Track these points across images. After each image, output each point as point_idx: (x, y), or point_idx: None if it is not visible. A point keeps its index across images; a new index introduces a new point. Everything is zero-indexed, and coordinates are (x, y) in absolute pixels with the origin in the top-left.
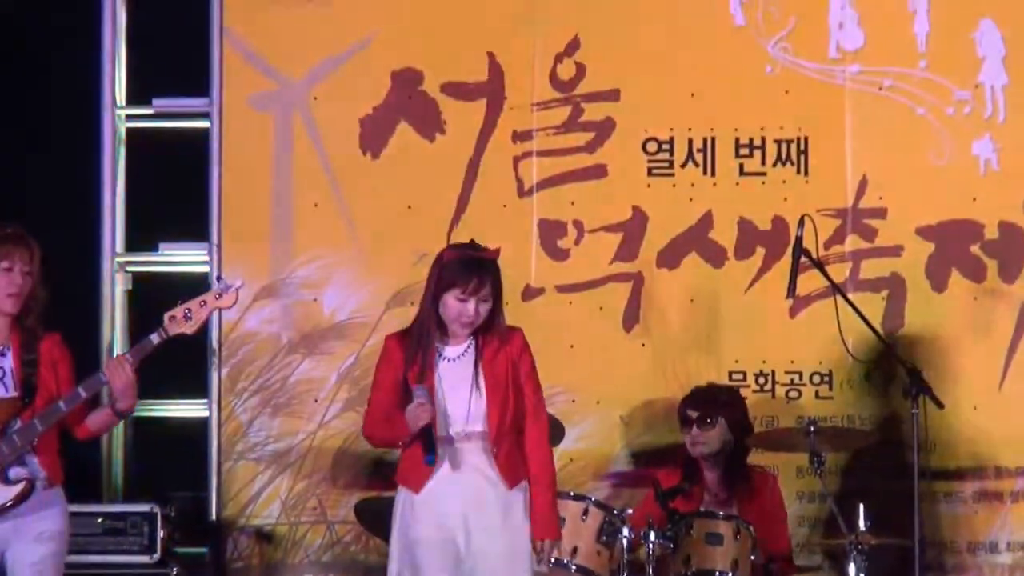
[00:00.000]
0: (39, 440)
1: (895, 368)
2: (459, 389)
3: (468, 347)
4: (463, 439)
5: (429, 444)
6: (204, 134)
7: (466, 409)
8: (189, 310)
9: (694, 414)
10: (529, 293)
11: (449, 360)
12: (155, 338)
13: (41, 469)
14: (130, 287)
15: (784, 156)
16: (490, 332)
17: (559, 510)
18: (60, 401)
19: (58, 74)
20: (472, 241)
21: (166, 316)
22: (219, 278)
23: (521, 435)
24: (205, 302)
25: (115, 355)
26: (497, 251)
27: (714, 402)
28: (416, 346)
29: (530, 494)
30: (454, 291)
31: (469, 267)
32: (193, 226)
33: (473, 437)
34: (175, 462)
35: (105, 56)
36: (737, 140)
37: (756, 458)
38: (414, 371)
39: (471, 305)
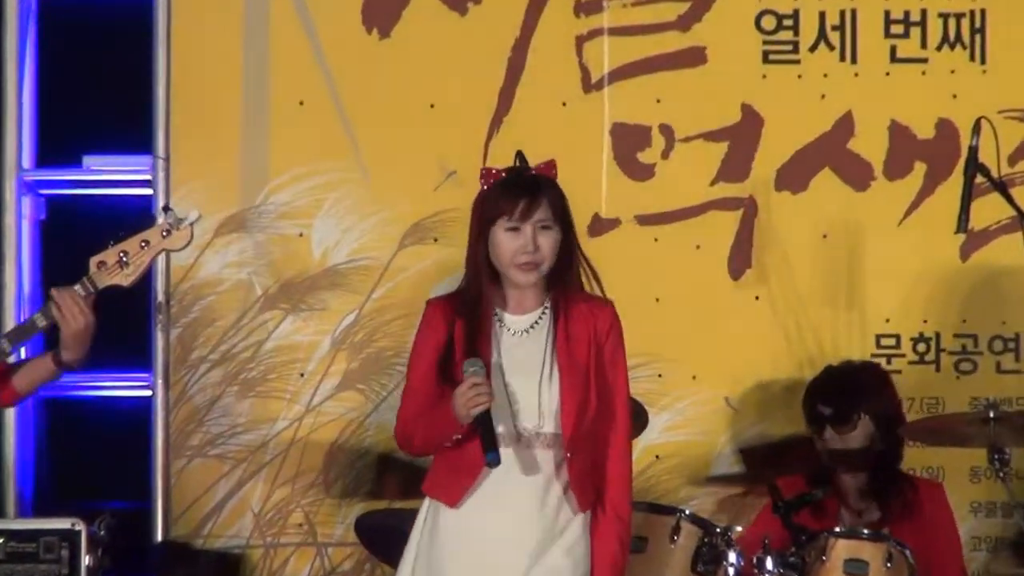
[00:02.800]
0: None
1: None
2: (525, 374)
3: (541, 316)
4: (525, 443)
5: (489, 438)
6: (145, 5)
7: (534, 402)
8: (125, 253)
9: (827, 410)
10: (599, 226)
11: (513, 333)
12: (79, 290)
13: None
14: (44, 216)
15: (953, 36)
16: (570, 296)
17: (640, 529)
18: None
19: None
20: (519, 154)
21: (93, 261)
22: (167, 208)
23: (598, 442)
24: (147, 242)
25: (54, 290)
26: (551, 163)
27: (855, 391)
28: (464, 310)
29: (595, 521)
30: (501, 222)
31: (514, 185)
32: (130, 133)
33: (538, 440)
34: (106, 461)
35: None
36: (887, 13)
37: (914, 456)
38: (461, 345)
39: (527, 233)
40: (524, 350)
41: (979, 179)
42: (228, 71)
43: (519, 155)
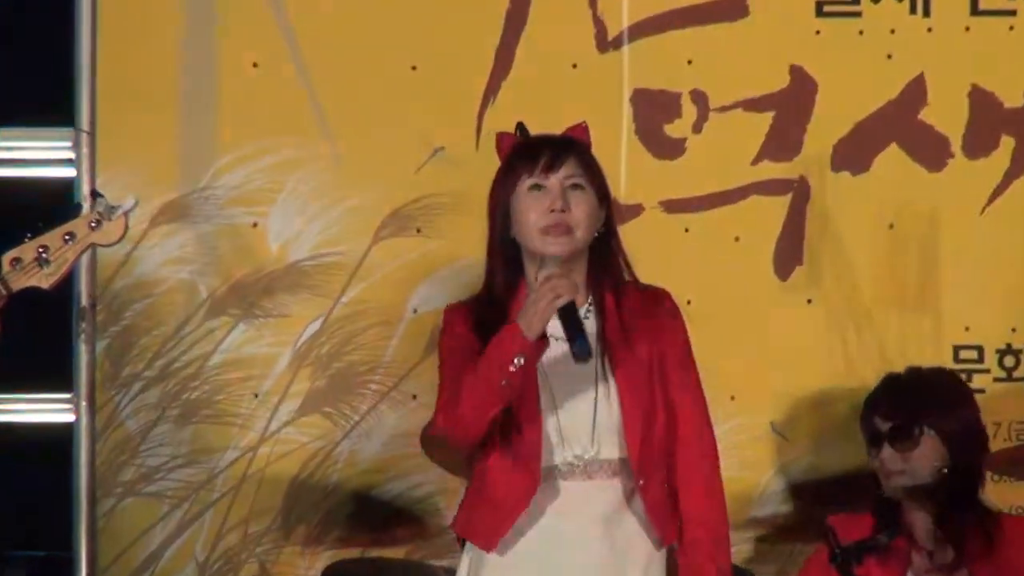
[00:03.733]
0: None
1: None
2: (574, 389)
3: (586, 316)
4: (584, 473)
5: (576, 327)
6: None
7: (589, 422)
8: (45, 248)
9: (885, 424)
10: (617, 213)
11: (555, 339)
12: None
13: None
14: None
15: None
16: (619, 289)
17: None
18: None
19: None
20: (520, 126)
21: (5, 258)
22: (96, 194)
23: (673, 464)
24: (72, 235)
25: None
26: (581, 126)
27: (916, 399)
28: (486, 316)
29: (683, 561)
30: (523, 181)
31: (534, 142)
32: (48, 101)
33: (600, 469)
34: (19, 501)
35: None
36: None
37: (999, 492)
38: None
39: (553, 188)
40: (570, 359)
41: None
42: (166, 27)
43: (520, 127)
